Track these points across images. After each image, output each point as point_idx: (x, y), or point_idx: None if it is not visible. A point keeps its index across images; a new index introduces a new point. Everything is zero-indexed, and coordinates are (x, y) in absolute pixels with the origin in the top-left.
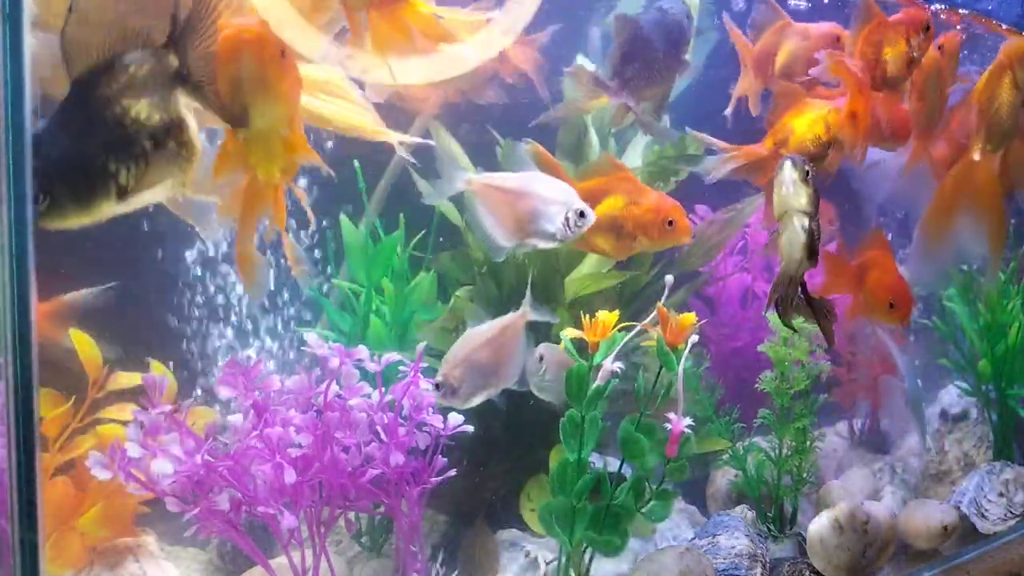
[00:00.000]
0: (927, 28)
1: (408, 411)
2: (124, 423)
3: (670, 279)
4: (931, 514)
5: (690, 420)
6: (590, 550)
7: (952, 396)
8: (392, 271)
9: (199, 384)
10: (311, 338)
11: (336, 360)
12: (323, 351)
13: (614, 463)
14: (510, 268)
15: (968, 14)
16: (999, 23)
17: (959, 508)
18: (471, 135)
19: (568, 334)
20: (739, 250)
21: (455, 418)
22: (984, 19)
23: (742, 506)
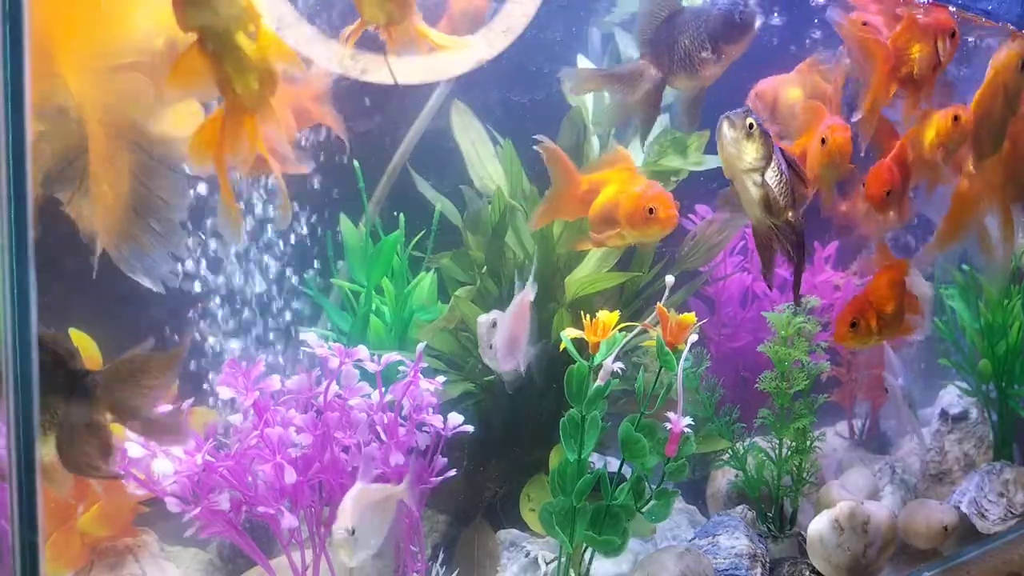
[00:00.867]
0: (953, 34)
1: (408, 411)
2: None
3: (670, 279)
4: (931, 514)
5: (690, 420)
6: (590, 550)
7: (952, 396)
8: (392, 271)
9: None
10: (311, 338)
11: (336, 360)
12: (323, 351)
13: (614, 463)
14: (510, 268)
15: (956, 11)
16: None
17: (959, 508)
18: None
19: (568, 334)
20: (739, 250)
21: (455, 418)
22: (974, 16)
23: (742, 506)
